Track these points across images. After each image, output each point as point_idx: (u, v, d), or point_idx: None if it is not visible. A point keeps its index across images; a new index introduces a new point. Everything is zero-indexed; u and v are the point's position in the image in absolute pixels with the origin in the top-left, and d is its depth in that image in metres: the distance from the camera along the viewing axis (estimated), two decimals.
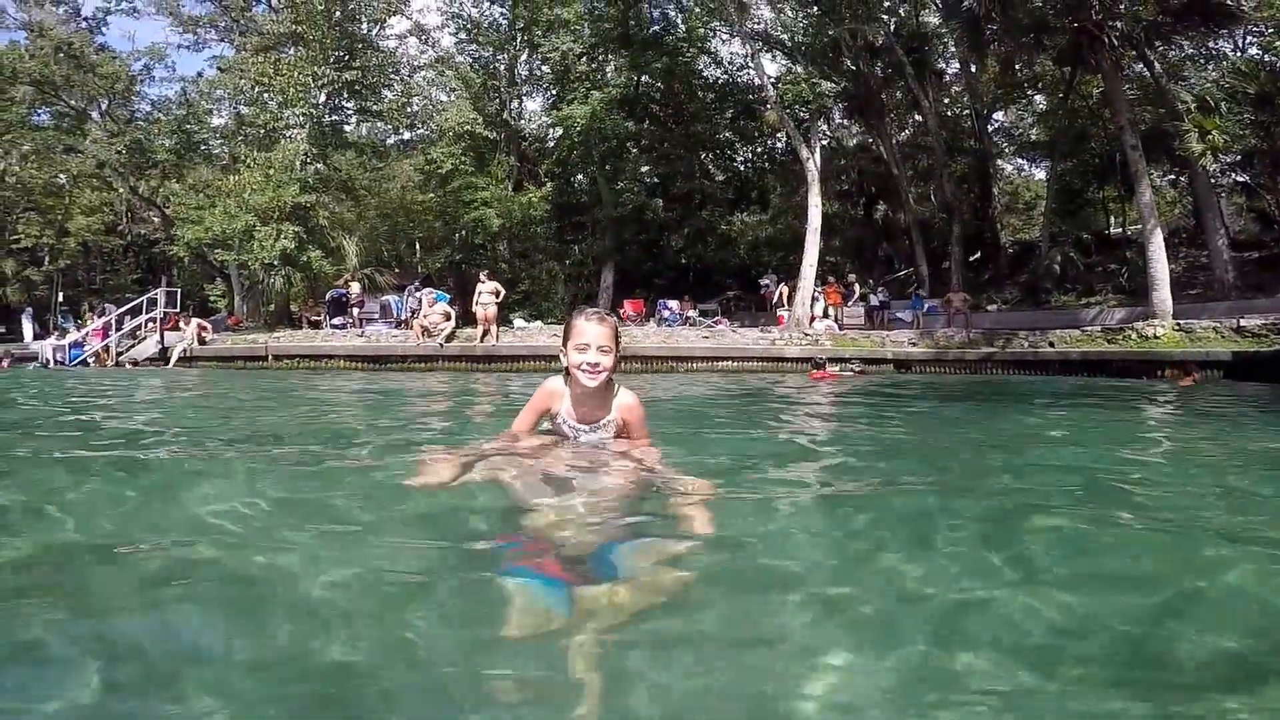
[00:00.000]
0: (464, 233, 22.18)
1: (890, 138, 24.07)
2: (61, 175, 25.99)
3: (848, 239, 27.20)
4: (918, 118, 25.07)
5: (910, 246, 23.49)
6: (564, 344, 2.54)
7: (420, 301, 17.46)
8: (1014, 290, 22.14)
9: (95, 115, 25.91)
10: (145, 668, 1.09)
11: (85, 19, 26.66)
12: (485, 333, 15.80)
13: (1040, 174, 29.87)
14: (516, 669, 1.11)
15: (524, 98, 25.40)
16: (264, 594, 1.35)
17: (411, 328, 16.64)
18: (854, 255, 25.93)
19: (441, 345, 15.47)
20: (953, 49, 23.89)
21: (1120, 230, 25.71)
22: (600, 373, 2.49)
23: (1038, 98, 26.60)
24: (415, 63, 24.41)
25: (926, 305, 18.69)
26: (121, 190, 25.11)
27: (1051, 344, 14.11)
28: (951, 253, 21.93)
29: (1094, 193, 25.75)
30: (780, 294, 18.72)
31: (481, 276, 16.72)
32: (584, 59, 20.97)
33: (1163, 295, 14.50)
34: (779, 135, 25.61)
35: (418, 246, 26.97)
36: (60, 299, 27.05)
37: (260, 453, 2.71)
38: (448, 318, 16.10)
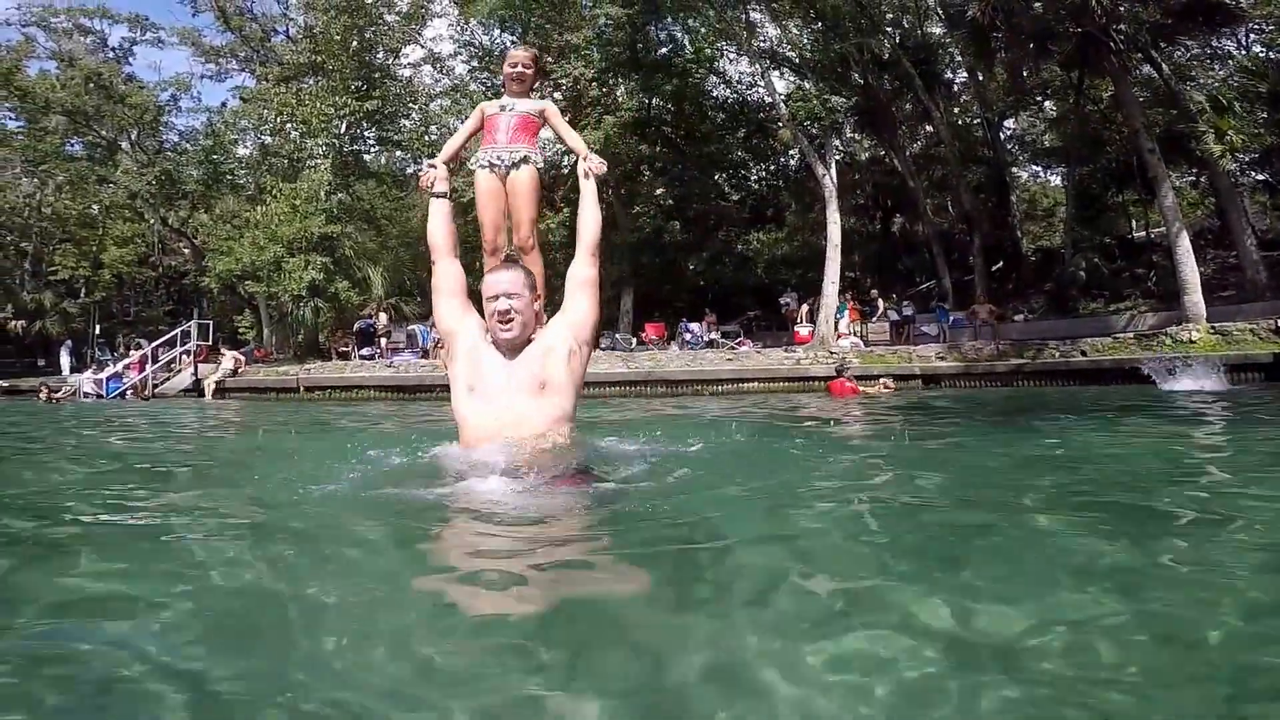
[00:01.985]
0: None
1: (903, 150, 24.06)
2: (94, 206, 26.72)
3: (867, 254, 27.15)
4: (929, 129, 25.06)
5: (931, 259, 23.38)
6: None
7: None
8: (1040, 299, 21.93)
9: (125, 145, 26.59)
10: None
11: (112, 49, 27.41)
12: None
13: (1056, 180, 29.67)
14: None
15: None
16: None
17: (438, 357, 16.83)
18: (874, 270, 25.87)
19: None
20: (959, 58, 23.92)
21: (1144, 234, 25.40)
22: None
23: (1048, 104, 26.49)
24: (431, 91, 24.94)
25: (951, 318, 18.57)
26: (152, 221, 25.74)
27: (1084, 352, 13.95)
28: (974, 263, 21.81)
29: (1114, 197, 25.49)
30: (801, 312, 18.71)
31: None
32: (595, 84, 21.24)
33: (1195, 299, 14.31)
34: (792, 152, 25.73)
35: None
36: (97, 331, 27.71)
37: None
38: None
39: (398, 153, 24.66)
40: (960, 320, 18.25)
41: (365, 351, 18.50)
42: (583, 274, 2.60)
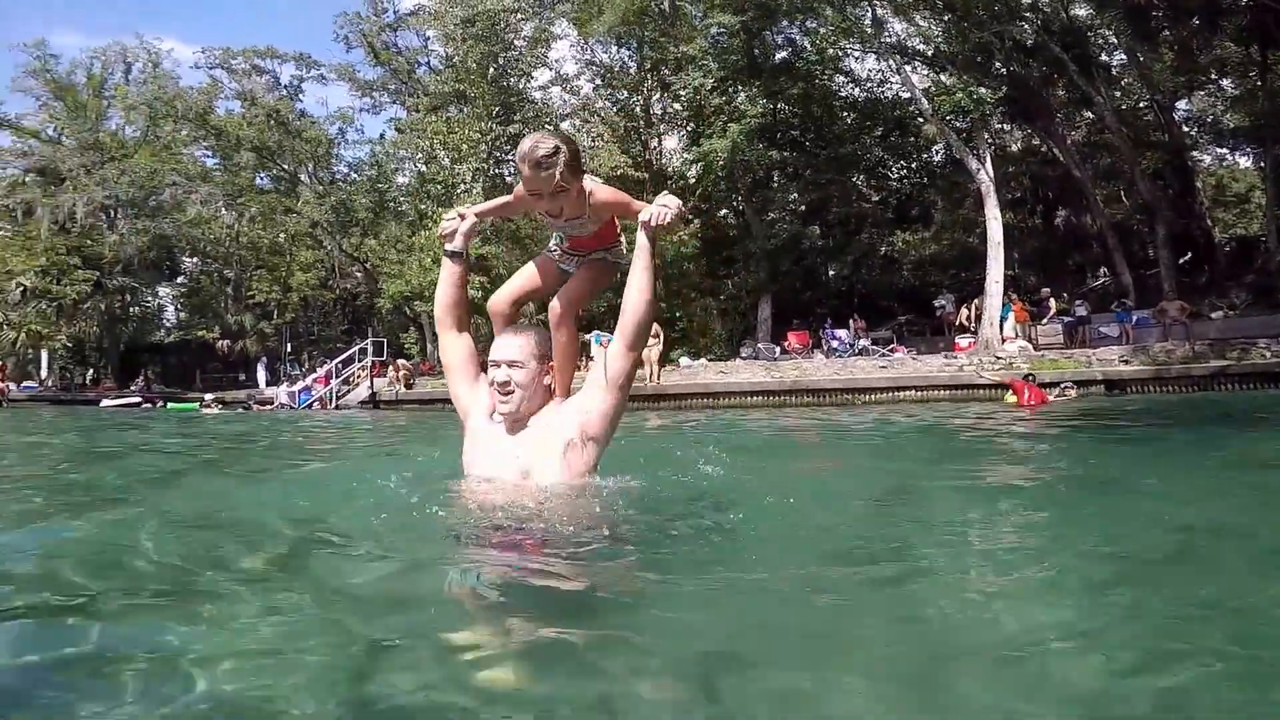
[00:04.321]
0: (619, 275, 22.83)
1: (1064, 138, 22.09)
2: (282, 235, 30.11)
3: (1029, 250, 25.16)
4: (1089, 115, 22.85)
5: (1105, 253, 21.29)
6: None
7: (590, 344, 18.23)
8: (1240, 293, 19.37)
9: (304, 178, 29.67)
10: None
11: (284, 87, 30.36)
12: (650, 373, 16.20)
13: (1246, 162, 26.12)
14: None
15: (661, 137, 25.98)
16: None
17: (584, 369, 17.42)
18: (1038, 268, 23.91)
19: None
20: (1114, 39, 21.60)
21: None
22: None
23: (1225, 81, 23.35)
24: (561, 111, 25.96)
25: (1135, 317, 16.77)
26: (330, 247, 28.57)
27: None
28: (1158, 256, 19.63)
29: None
30: (961, 315, 17.61)
31: None
32: (715, 92, 21.13)
33: None
34: (935, 148, 24.40)
35: None
36: (288, 349, 31.23)
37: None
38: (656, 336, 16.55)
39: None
40: (1145, 319, 16.46)
41: None
42: (615, 366, 2.22)
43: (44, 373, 31.61)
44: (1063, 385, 11.03)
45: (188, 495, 3.17)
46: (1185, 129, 24.18)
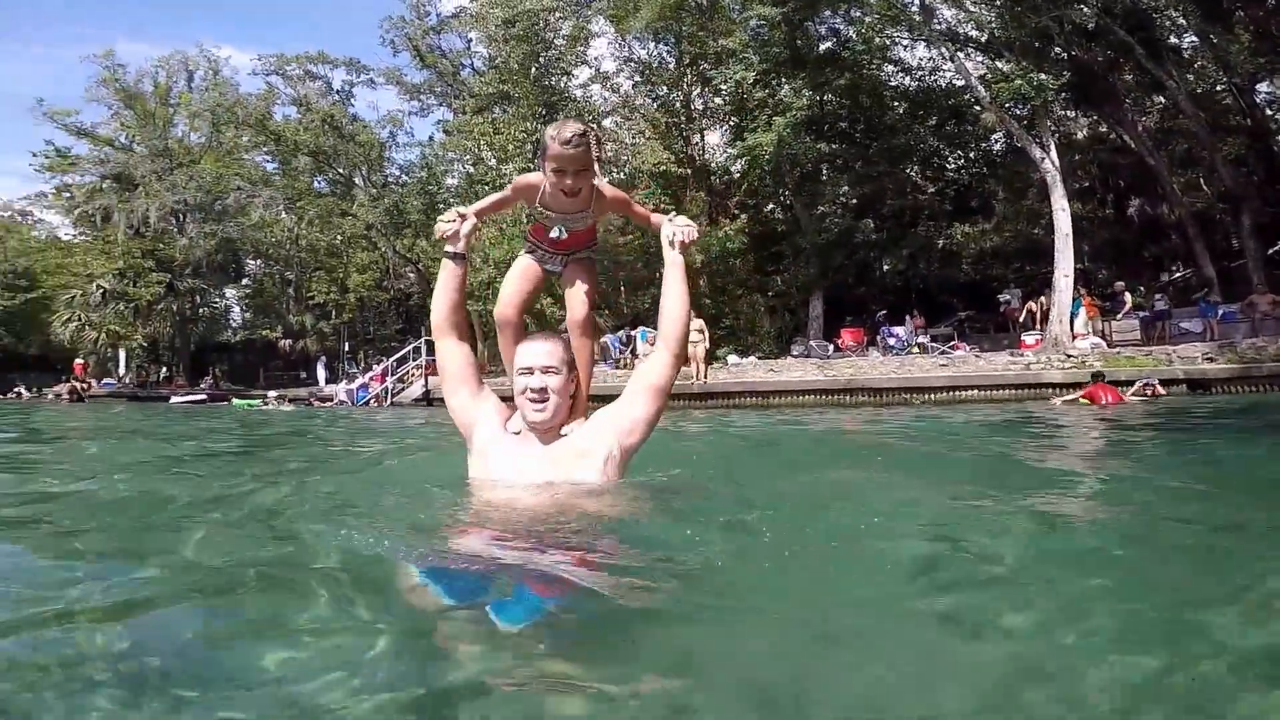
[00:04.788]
0: (660, 272, 22.55)
1: (1134, 125, 20.82)
2: (338, 237, 30.96)
3: (1099, 243, 23.91)
4: (1161, 100, 21.50)
5: (1185, 244, 20.03)
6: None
7: (634, 340, 18.14)
8: None
9: (359, 181, 30.38)
10: None
11: (336, 92, 31.01)
12: (696, 371, 15.95)
13: None
14: None
15: (704, 132, 25.62)
16: None
17: (633, 367, 17.31)
18: (1110, 260, 22.70)
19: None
20: (1183, 21, 20.19)
21: None
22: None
23: None
24: (602, 109, 25.84)
25: (1221, 311, 15.69)
26: (384, 249, 29.20)
27: None
28: (1244, 247, 18.33)
29: None
30: (1028, 311, 16.78)
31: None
32: (757, 86, 20.64)
33: None
34: (994, 136, 23.42)
35: (622, 287, 28.25)
36: (346, 348, 32.14)
37: None
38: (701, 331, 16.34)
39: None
40: (1232, 314, 15.38)
41: None
42: (657, 376, 2.16)
43: (122, 370, 33.30)
44: (1144, 382, 10.31)
45: (250, 484, 3.17)
46: (1269, 112, 22.59)
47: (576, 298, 2.37)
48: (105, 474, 3.64)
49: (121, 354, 33.41)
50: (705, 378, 15.98)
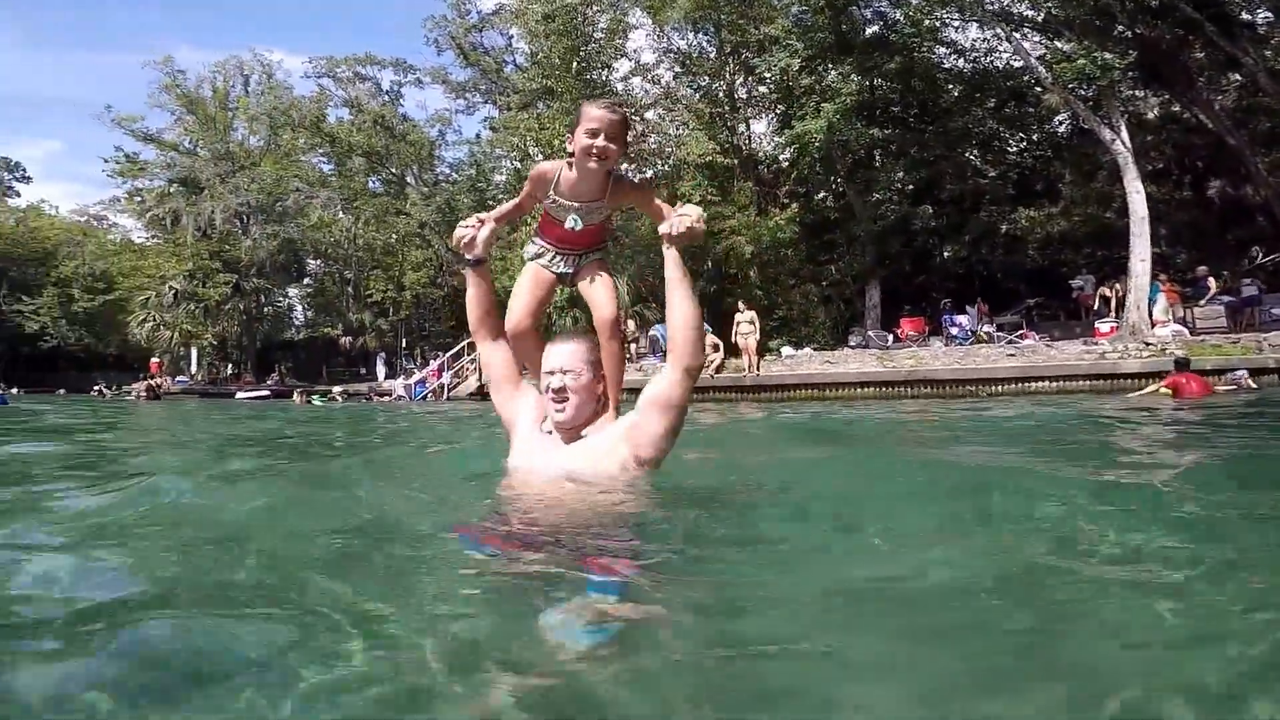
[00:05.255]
0: (710, 263, 22.31)
1: (1209, 103, 19.52)
2: (393, 235, 31.65)
3: (1177, 226, 22.61)
4: (1236, 77, 20.12)
5: (1274, 226, 18.76)
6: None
7: (657, 339, 18.02)
8: None
9: (410, 180, 30.89)
10: None
11: (386, 92, 31.56)
12: (749, 364, 15.73)
13: None
14: None
15: (749, 121, 25.11)
16: None
17: None
18: (1189, 244, 21.43)
19: (712, 376, 15.62)
20: None
21: None
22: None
23: None
24: (644, 102, 25.59)
25: None
26: (437, 246, 29.71)
27: None
28: None
29: None
30: (1101, 297, 15.98)
31: (740, 306, 16.66)
32: (803, 72, 20.06)
33: None
34: (1058, 118, 22.35)
35: None
36: (403, 344, 32.88)
37: None
38: (716, 349, 16.26)
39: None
40: None
41: None
42: (667, 394, 2.08)
43: (194, 368, 34.84)
44: (1235, 374, 9.66)
45: (304, 477, 3.22)
46: None
47: (600, 297, 2.39)
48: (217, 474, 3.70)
49: (193, 352, 34.97)
50: (758, 370, 15.77)
